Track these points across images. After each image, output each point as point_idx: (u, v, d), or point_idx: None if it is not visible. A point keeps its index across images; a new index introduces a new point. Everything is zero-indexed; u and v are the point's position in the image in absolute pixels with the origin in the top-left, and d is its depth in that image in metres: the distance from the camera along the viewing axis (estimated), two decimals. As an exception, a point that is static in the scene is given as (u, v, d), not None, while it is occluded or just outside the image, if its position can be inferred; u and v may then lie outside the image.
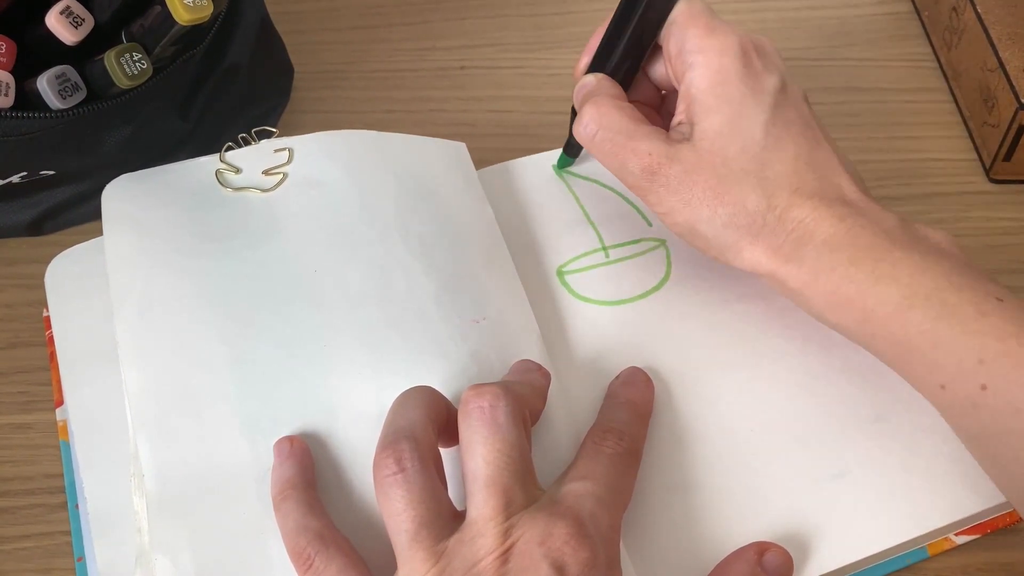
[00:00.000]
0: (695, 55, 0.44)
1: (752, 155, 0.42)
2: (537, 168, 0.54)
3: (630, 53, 0.47)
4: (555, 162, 0.53)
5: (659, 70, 0.48)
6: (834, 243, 0.41)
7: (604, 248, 0.50)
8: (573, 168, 0.53)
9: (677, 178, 0.43)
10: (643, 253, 0.50)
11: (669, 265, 0.50)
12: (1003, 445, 0.38)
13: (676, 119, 0.45)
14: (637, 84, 0.48)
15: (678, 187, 0.43)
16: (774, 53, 0.45)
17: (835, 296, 0.41)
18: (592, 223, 0.51)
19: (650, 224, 0.51)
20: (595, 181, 0.53)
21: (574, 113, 0.48)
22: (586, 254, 0.50)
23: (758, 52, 0.44)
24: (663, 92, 0.49)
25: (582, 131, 0.45)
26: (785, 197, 0.42)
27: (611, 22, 0.47)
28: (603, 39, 0.47)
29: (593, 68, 0.48)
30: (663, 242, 0.51)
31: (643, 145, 0.43)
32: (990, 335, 0.38)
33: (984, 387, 0.37)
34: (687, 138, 0.43)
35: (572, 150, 0.52)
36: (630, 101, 0.46)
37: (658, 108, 0.50)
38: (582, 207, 0.52)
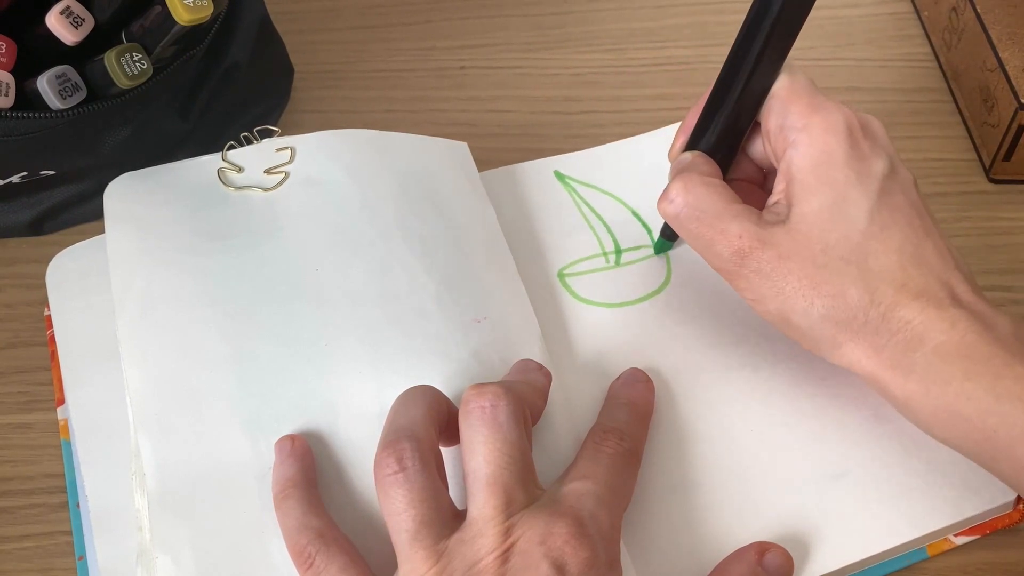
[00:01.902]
0: (798, 133, 0.40)
1: (854, 244, 0.39)
2: (538, 173, 0.54)
3: (728, 131, 0.43)
4: (653, 241, 0.50)
5: (759, 148, 0.45)
6: (946, 353, 0.37)
7: (604, 253, 0.51)
8: (575, 174, 0.53)
9: (770, 264, 0.39)
10: (644, 259, 0.50)
11: (669, 270, 0.50)
12: None
13: (773, 199, 0.41)
14: (737, 164, 0.45)
15: (770, 273, 0.39)
16: (883, 133, 0.42)
17: (948, 413, 0.37)
18: (592, 228, 0.51)
19: (651, 231, 0.51)
20: (596, 187, 0.53)
21: None
22: (587, 258, 0.50)
23: (865, 132, 0.41)
24: (764, 171, 0.46)
25: (666, 207, 0.42)
26: (891, 294, 0.38)
27: (708, 99, 0.44)
28: (700, 117, 0.44)
29: (689, 148, 0.45)
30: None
31: (733, 226, 0.40)
32: None
33: None
34: (783, 220, 0.40)
35: (671, 232, 0.49)
36: (733, 179, 0.44)
37: (761, 185, 0.46)
38: (582, 212, 0.52)
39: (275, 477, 0.40)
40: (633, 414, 0.43)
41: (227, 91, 0.55)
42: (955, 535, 0.43)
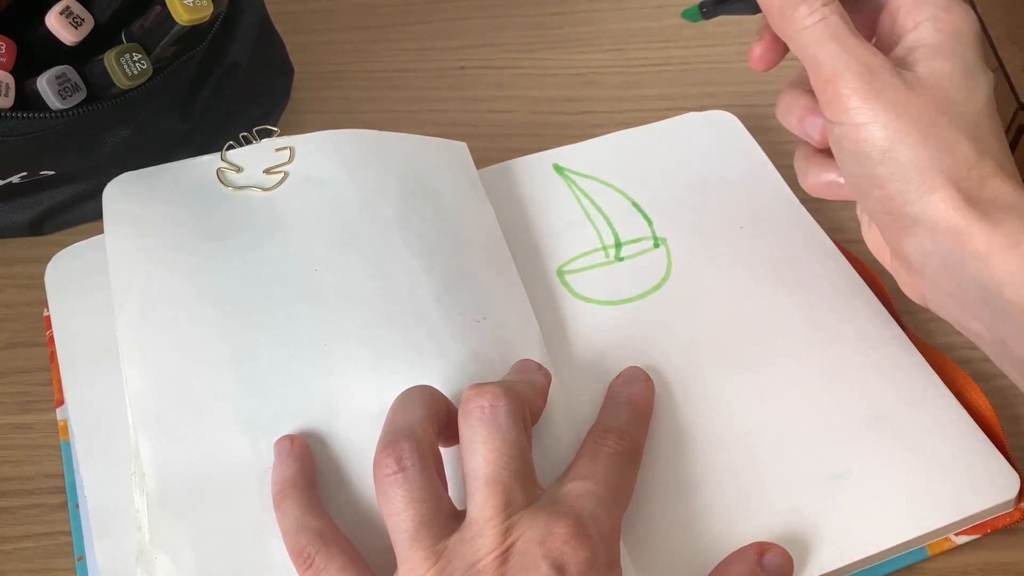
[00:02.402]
0: (938, 10, 0.40)
1: (974, 111, 0.39)
2: (537, 167, 0.54)
3: None
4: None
5: (866, 9, 0.43)
6: None
7: (604, 247, 0.51)
8: (574, 166, 0.53)
9: (897, 89, 0.39)
10: (644, 252, 0.50)
11: (669, 264, 0.50)
12: None
13: (894, 54, 0.41)
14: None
15: (894, 99, 0.38)
16: None
17: None
18: (592, 222, 0.51)
19: (651, 222, 0.51)
20: (596, 179, 0.53)
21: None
22: (586, 253, 0.50)
23: None
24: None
25: (807, 8, 0.40)
26: (992, 164, 0.39)
27: None
28: None
29: None
30: (664, 240, 0.51)
31: (865, 47, 0.39)
32: None
33: None
34: (911, 69, 0.40)
35: (709, 9, 0.46)
36: None
37: None
38: (582, 205, 0.52)
39: (274, 477, 0.40)
40: (633, 413, 0.43)
41: (227, 91, 0.55)
42: (955, 535, 0.43)
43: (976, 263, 0.38)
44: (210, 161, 0.50)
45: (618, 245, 0.50)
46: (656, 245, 0.51)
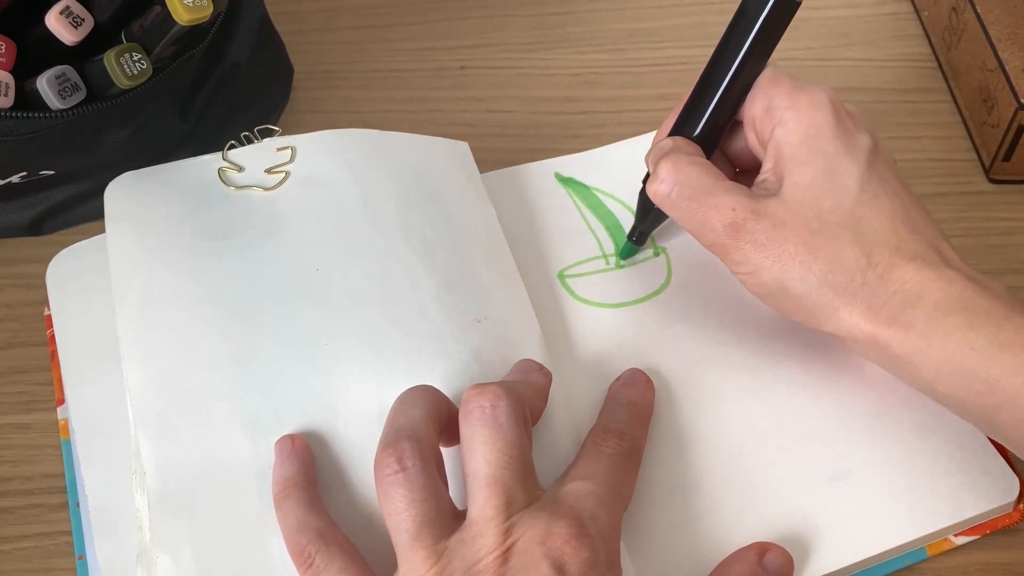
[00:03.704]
0: (784, 111, 0.42)
1: (847, 210, 0.40)
2: (540, 174, 0.54)
3: (712, 122, 0.44)
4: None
5: (736, 144, 0.46)
6: (947, 306, 0.38)
7: (604, 255, 0.51)
8: (574, 175, 0.53)
9: (765, 233, 0.40)
10: (644, 260, 0.50)
11: (670, 272, 0.50)
12: None
13: (761, 177, 0.42)
14: (712, 161, 0.45)
15: (766, 242, 0.40)
16: (860, 115, 0.43)
17: (951, 365, 0.37)
18: (593, 231, 0.51)
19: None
20: (596, 189, 0.53)
21: (646, 180, 0.46)
22: (587, 260, 0.50)
23: (847, 111, 0.42)
24: (737, 170, 0.47)
25: (658, 188, 0.42)
26: (886, 255, 0.39)
27: (692, 93, 0.45)
28: (681, 112, 0.45)
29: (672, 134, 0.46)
30: (664, 250, 0.51)
31: (725, 200, 0.41)
32: None
33: None
34: (774, 193, 0.41)
35: (640, 236, 0.49)
36: None
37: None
38: (583, 214, 0.52)
39: (275, 477, 0.40)
40: (633, 414, 0.43)
41: (227, 91, 0.55)
42: (955, 535, 0.43)
43: (902, 363, 0.39)
44: (212, 160, 0.50)
45: (619, 254, 0.51)
46: (656, 254, 0.51)
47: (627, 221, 0.52)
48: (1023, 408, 0.37)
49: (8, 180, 0.50)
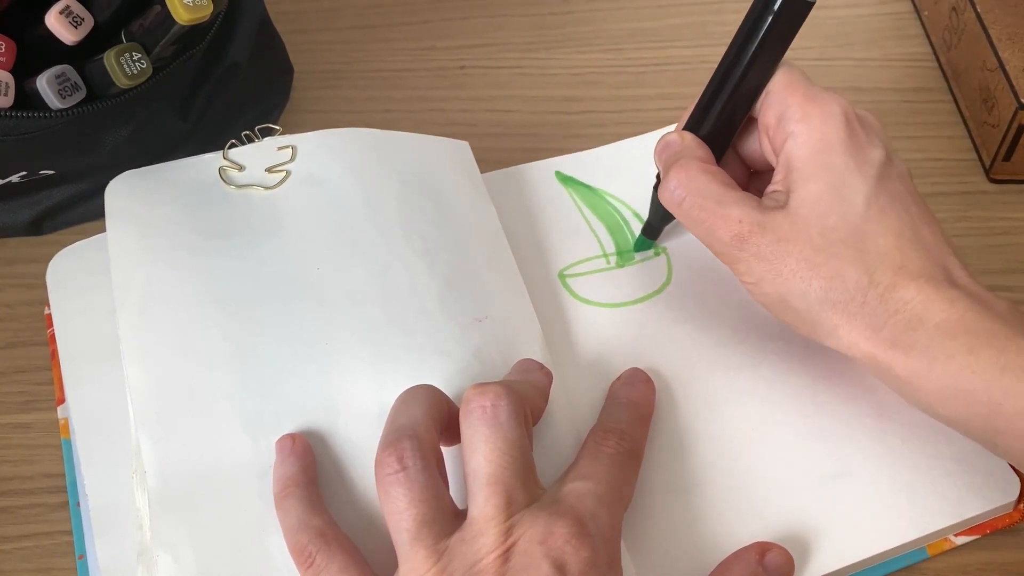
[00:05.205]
0: (796, 123, 0.41)
1: (852, 227, 0.40)
2: (540, 174, 0.54)
3: (722, 125, 0.44)
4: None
5: (750, 145, 0.45)
6: (948, 329, 0.37)
7: (605, 255, 0.51)
8: (575, 174, 0.53)
9: (769, 247, 0.40)
10: (645, 260, 0.50)
11: (670, 271, 0.50)
12: None
13: (771, 187, 0.42)
14: (726, 161, 0.45)
15: (769, 256, 0.40)
16: (878, 125, 0.42)
17: (953, 389, 0.37)
18: (593, 230, 0.51)
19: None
20: (597, 188, 0.53)
21: (658, 179, 0.46)
22: (587, 260, 0.50)
23: (861, 122, 0.42)
24: (751, 171, 0.47)
25: (669, 196, 0.42)
26: (888, 275, 0.39)
27: (705, 91, 0.45)
28: (693, 111, 0.45)
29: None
30: (664, 250, 0.51)
31: (734, 211, 0.41)
32: None
33: None
34: (782, 206, 0.41)
35: (652, 231, 0.50)
36: None
37: (745, 187, 0.45)
38: (584, 214, 0.52)
39: (276, 476, 0.40)
40: (634, 414, 0.43)
41: (227, 91, 0.55)
42: (955, 535, 0.43)
43: (904, 387, 0.39)
44: (212, 159, 0.50)
45: (619, 253, 0.51)
46: (657, 254, 0.51)
47: (627, 221, 0.52)
48: None
49: (8, 180, 0.50)
